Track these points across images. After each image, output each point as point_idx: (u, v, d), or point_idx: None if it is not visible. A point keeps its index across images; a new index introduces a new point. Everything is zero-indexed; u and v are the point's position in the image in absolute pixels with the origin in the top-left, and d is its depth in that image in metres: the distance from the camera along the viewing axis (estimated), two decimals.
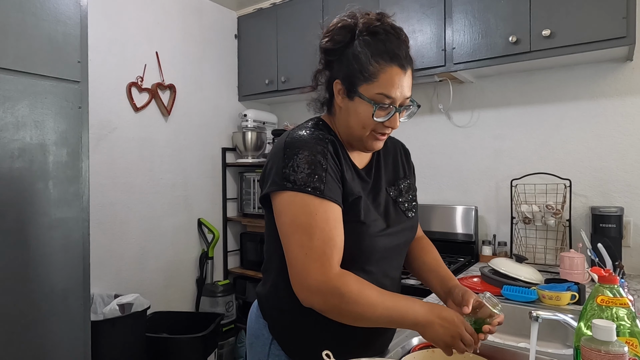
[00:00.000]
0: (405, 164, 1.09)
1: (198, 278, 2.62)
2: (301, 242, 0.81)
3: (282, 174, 0.84)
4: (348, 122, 0.92)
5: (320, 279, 0.79)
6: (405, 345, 1.03)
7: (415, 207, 1.04)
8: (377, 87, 0.86)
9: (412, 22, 2.04)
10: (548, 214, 1.88)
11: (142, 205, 2.33)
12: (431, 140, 2.36)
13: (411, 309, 0.82)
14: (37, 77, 1.39)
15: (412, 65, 0.91)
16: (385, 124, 0.89)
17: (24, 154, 1.35)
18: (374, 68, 0.87)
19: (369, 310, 0.80)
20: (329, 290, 0.79)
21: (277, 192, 0.85)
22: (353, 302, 0.79)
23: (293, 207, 0.83)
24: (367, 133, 0.90)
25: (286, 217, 0.83)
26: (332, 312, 0.81)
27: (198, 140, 2.64)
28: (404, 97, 0.89)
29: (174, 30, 2.49)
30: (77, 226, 1.49)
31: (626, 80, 1.83)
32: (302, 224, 0.81)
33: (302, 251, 0.81)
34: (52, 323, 1.42)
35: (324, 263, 0.80)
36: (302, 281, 0.81)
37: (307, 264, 0.80)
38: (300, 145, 0.86)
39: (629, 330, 0.71)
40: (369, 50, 0.87)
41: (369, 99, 0.87)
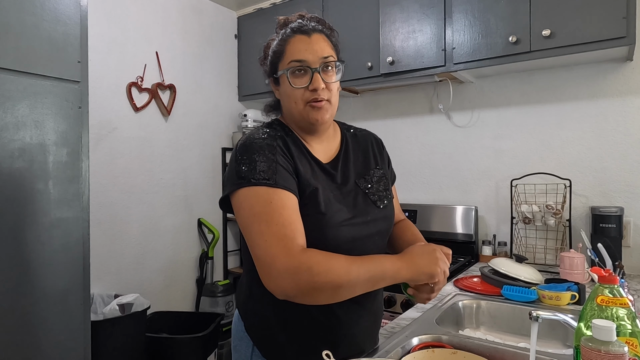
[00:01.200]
0: (377, 154, 1.08)
1: (198, 278, 2.62)
2: (260, 230, 0.80)
3: (235, 174, 0.85)
4: (285, 105, 0.97)
5: (285, 260, 0.77)
6: (405, 345, 1.03)
7: (389, 196, 1.02)
8: (287, 59, 0.92)
9: (412, 22, 2.04)
10: (548, 214, 1.88)
11: (142, 205, 2.33)
12: (431, 140, 2.36)
13: (387, 261, 0.83)
14: (37, 77, 1.39)
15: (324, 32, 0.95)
16: (310, 88, 0.90)
17: (24, 154, 1.35)
18: (281, 46, 0.93)
19: (343, 276, 0.77)
20: (295, 267, 0.76)
21: (233, 192, 0.85)
22: (324, 272, 0.76)
23: (248, 200, 0.83)
24: (302, 106, 0.91)
25: (243, 211, 0.84)
26: (307, 291, 0.77)
27: (198, 140, 2.64)
28: (319, 57, 0.90)
29: (174, 30, 2.49)
30: (77, 226, 1.49)
31: (626, 80, 1.83)
32: (259, 213, 0.81)
33: (262, 239, 0.80)
34: (52, 323, 1.42)
35: (286, 244, 0.79)
36: (269, 268, 0.79)
37: (269, 250, 0.79)
38: (251, 145, 0.88)
39: (629, 330, 0.71)
40: (277, 39, 0.96)
41: (283, 71, 0.92)
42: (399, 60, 2.08)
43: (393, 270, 0.82)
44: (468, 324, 1.41)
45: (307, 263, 0.77)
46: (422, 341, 1.05)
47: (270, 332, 0.94)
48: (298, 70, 0.90)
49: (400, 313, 1.33)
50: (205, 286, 2.55)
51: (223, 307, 2.49)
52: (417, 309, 1.32)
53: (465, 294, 1.48)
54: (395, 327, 1.16)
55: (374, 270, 0.81)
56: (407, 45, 2.06)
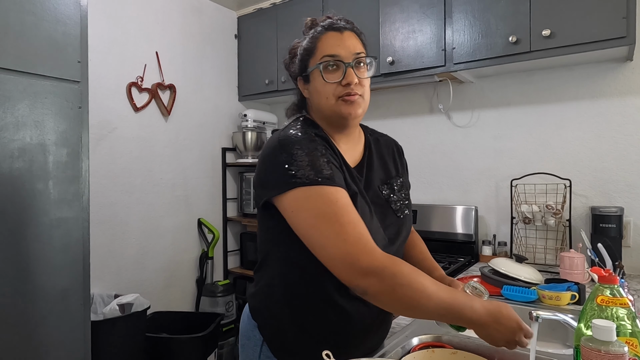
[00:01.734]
0: (398, 162, 1.08)
1: (198, 278, 2.62)
2: (334, 230, 0.78)
3: (286, 173, 0.82)
4: (316, 103, 0.95)
5: (370, 260, 0.76)
6: (405, 345, 1.03)
7: (408, 206, 1.02)
8: (319, 55, 0.92)
9: (412, 22, 2.05)
10: (548, 214, 1.88)
11: (142, 205, 2.33)
12: (431, 140, 2.36)
13: (468, 307, 0.77)
14: (37, 77, 1.39)
15: (355, 30, 0.95)
16: (343, 83, 0.89)
17: (24, 154, 1.35)
18: (312, 43, 0.93)
19: (423, 298, 0.75)
20: (380, 269, 0.75)
21: (286, 192, 0.82)
22: (407, 285, 0.75)
23: (311, 200, 0.80)
24: (334, 101, 0.91)
25: (307, 212, 0.80)
26: (387, 293, 0.76)
27: (198, 140, 2.64)
28: (351, 53, 0.90)
29: (174, 30, 2.49)
30: (77, 226, 1.49)
31: (626, 80, 1.83)
32: (327, 213, 0.79)
33: (339, 238, 0.77)
34: (52, 323, 1.42)
35: (366, 244, 0.78)
36: (352, 267, 0.77)
37: (350, 249, 0.77)
38: (296, 143, 0.85)
39: (629, 330, 0.71)
40: (308, 37, 0.95)
41: (315, 66, 0.91)
42: (399, 60, 2.08)
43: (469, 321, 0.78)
44: None
45: (393, 269, 0.76)
46: (422, 341, 1.05)
47: (285, 333, 0.93)
48: (330, 65, 0.90)
49: None
50: (205, 286, 2.55)
51: (223, 307, 2.49)
52: None
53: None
54: (395, 327, 1.16)
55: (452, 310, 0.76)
56: (407, 45, 2.06)
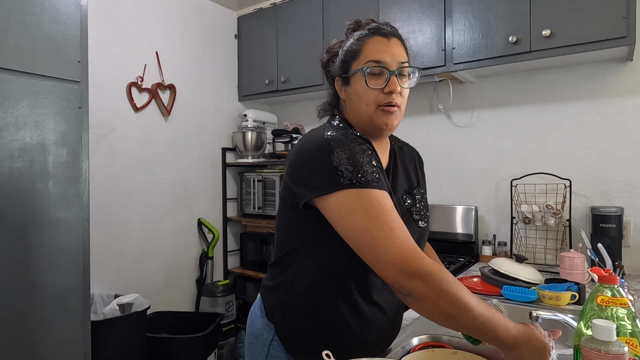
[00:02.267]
0: (419, 173, 1.09)
1: (198, 278, 2.62)
2: (385, 233, 0.79)
3: (334, 174, 0.82)
4: (353, 106, 0.93)
5: (419, 264, 0.78)
6: (405, 345, 1.03)
7: (427, 216, 1.04)
8: (364, 58, 0.90)
9: (412, 22, 2.04)
10: (548, 214, 1.88)
11: (142, 205, 2.33)
12: (431, 140, 2.36)
13: (503, 326, 0.78)
14: (37, 77, 1.39)
15: (400, 38, 0.94)
16: (385, 91, 0.89)
17: (24, 154, 1.35)
18: (358, 46, 0.92)
19: (464, 309, 0.76)
20: (427, 274, 0.77)
21: (333, 193, 0.82)
22: (452, 294, 0.76)
23: (362, 202, 0.81)
24: (373, 108, 0.90)
25: (357, 214, 0.81)
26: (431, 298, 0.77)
27: (198, 140, 2.64)
28: (396, 61, 0.90)
29: (174, 30, 2.49)
30: (77, 226, 1.49)
31: (626, 80, 1.83)
32: (378, 216, 0.80)
33: (390, 241, 0.79)
34: (52, 323, 1.42)
35: (415, 248, 0.79)
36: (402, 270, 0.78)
37: (401, 252, 0.78)
38: (340, 144, 0.84)
39: (629, 330, 0.71)
40: (354, 38, 0.93)
41: (359, 69, 0.90)
42: None
43: (501, 340, 0.78)
44: None
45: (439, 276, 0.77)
46: (422, 341, 1.05)
47: (302, 331, 0.93)
48: (375, 72, 0.89)
49: None
50: (205, 286, 2.55)
51: (223, 307, 2.49)
52: None
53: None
54: None
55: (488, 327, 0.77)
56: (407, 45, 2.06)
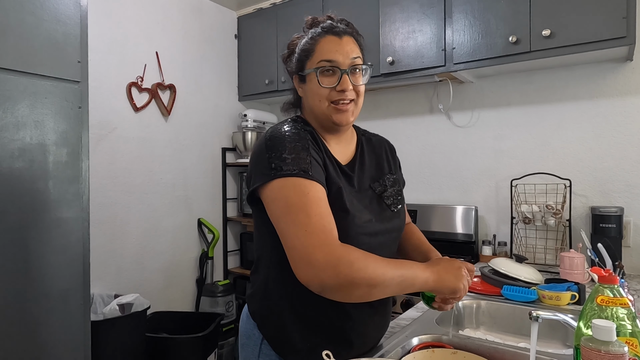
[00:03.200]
0: (390, 160, 1.11)
1: (198, 278, 2.62)
2: (298, 221, 0.80)
3: (268, 166, 0.84)
4: (309, 103, 0.96)
5: (326, 251, 0.77)
6: (405, 345, 1.03)
7: (401, 201, 1.05)
8: (316, 58, 0.92)
9: (412, 22, 2.05)
10: (548, 214, 1.88)
11: (142, 205, 2.33)
12: (431, 140, 2.36)
13: (418, 269, 0.84)
14: (37, 77, 1.39)
15: (353, 35, 0.96)
16: (338, 89, 0.91)
17: (24, 154, 1.35)
18: (311, 45, 0.94)
19: (380, 276, 0.78)
20: (336, 260, 0.76)
21: (265, 184, 0.85)
22: (363, 269, 0.77)
23: (284, 190, 0.83)
24: (326, 104, 0.92)
25: (279, 202, 0.83)
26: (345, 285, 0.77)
27: (198, 140, 2.64)
28: (348, 59, 0.92)
29: (174, 30, 2.49)
30: (77, 226, 1.49)
31: (626, 80, 1.83)
32: (296, 203, 0.81)
33: (301, 229, 0.79)
34: (52, 323, 1.42)
35: (326, 236, 0.79)
36: (308, 259, 0.78)
37: (309, 241, 0.78)
38: (282, 137, 0.88)
39: (629, 330, 0.71)
40: (308, 37, 0.96)
41: (313, 69, 0.92)
42: (399, 60, 2.08)
43: (422, 279, 0.84)
44: (468, 324, 1.41)
45: (348, 257, 0.77)
46: (422, 341, 1.05)
47: (284, 329, 0.94)
48: (327, 70, 0.91)
49: (400, 313, 1.33)
50: (205, 286, 2.55)
51: (223, 307, 2.49)
52: (417, 309, 1.32)
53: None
54: (395, 327, 1.16)
55: (406, 275, 0.82)
56: (407, 45, 2.06)
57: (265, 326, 0.96)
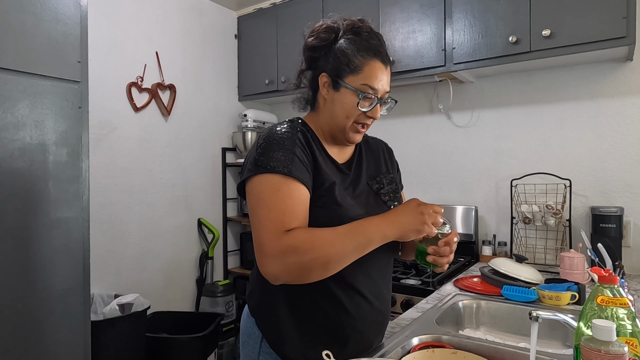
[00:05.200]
0: (387, 161, 1.13)
1: (198, 278, 2.62)
2: (260, 215, 0.83)
3: (254, 162, 0.87)
4: (333, 112, 0.97)
5: (272, 244, 0.80)
6: (405, 345, 1.03)
7: (398, 198, 1.07)
8: (362, 79, 0.93)
9: (412, 22, 2.04)
10: (548, 214, 1.88)
11: (142, 205, 2.33)
12: (431, 140, 2.36)
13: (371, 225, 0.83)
14: (37, 77, 1.39)
15: (391, 65, 1.00)
16: (368, 114, 0.95)
17: (24, 154, 1.35)
18: (359, 61, 0.93)
19: (329, 250, 0.79)
20: (281, 250, 0.79)
21: (248, 179, 0.87)
22: (310, 250, 0.78)
23: (260, 186, 0.85)
24: (350, 123, 0.95)
25: (253, 197, 0.86)
26: (297, 272, 0.80)
27: (198, 140, 2.64)
28: (384, 91, 0.96)
29: (174, 30, 2.49)
30: (77, 226, 1.49)
31: (626, 80, 1.83)
32: (264, 199, 0.84)
33: (260, 225, 0.82)
34: (52, 323, 1.42)
35: (277, 230, 0.80)
36: (261, 253, 0.81)
37: (262, 235, 0.81)
38: (272, 136, 0.90)
39: (629, 330, 0.71)
40: (354, 46, 0.94)
41: (355, 89, 0.93)
42: (399, 60, 2.08)
43: (378, 233, 0.83)
44: (468, 324, 1.41)
45: (293, 244, 0.79)
46: (422, 341, 1.05)
47: (281, 325, 0.94)
48: (369, 96, 0.94)
49: (400, 313, 1.33)
50: (205, 286, 2.55)
51: (223, 307, 2.49)
52: (417, 309, 1.32)
53: (465, 294, 1.48)
54: (395, 327, 1.16)
55: (359, 238, 0.82)
56: (407, 45, 2.06)
57: (262, 322, 0.97)
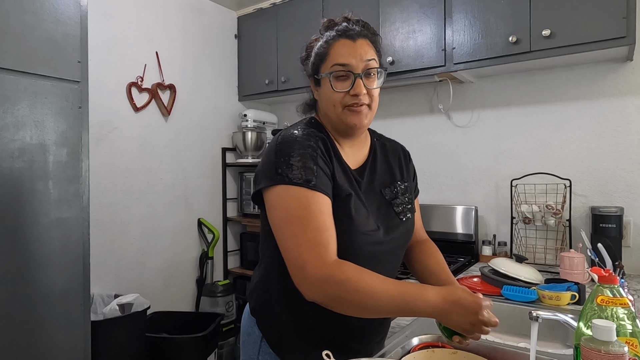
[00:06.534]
0: (404, 167, 1.09)
1: (198, 278, 2.62)
2: (295, 233, 0.80)
3: (274, 169, 0.85)
4: (323, 107, 0.97)
5: (317, 268, 0.78)
6: (405, 345, 1.03)
7: (411, 210, 1.03)
8: (330, 62, 0.92)
9: (412, 22, 2.04)
10: (548, 214, 1.88)
11: (142, 205, 2.33)
12: (431, 140, 2.36)
13: (421, 298, 0.78)
14: (37, 77, 1.39)
15: (369, 37, 0.95)
16: (351, 93, 0.91)
17: (24, 154, 1.35)
18: (325, 49, 0.93)
19: (372, 300, 0.77)
20: (326, 278, 0.77)
21: (270, 187, 0.85)
22: (354, 291, 0.76)
23: (286, 199, 0.83)
24: (340, 109, 0.92)
25: (280, 210, 0.83)
26: (335, 302, 0.78)
27: (198, 140, 2.64)
28: (362, 62, 0.91)
29: (174, 30, 2.49)
30: (77, 226, 1.49)
31: (626, 80, 1.83)
32: (296, 215, 0.81)
33: (296, 242, 0.80)
34: (52, 323, 1.42)
35: (319, 252, 0.79)
36: (301, 273, 0.79)
37: (302, 255, 0.79)
38: (292, 142, 0.87)
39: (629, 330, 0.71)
40: (323, 40, 0.95)
41: (326, 74, 0.92)
42: (399, 60, 2.08)
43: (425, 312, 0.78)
44: None
45: (338, 277, 0.77)
46: (422, 341, 1.05)
47: (282, 328, 0.94)
48: (341, 75, 0.91)
49: None
50: (205, 286, 2.55)
51: (223, 307, 2.49)
52: None
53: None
54: (395, 327, 1.16)
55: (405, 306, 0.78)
56: (407, 45, 2.06)
57: (262, 323, 0.97)
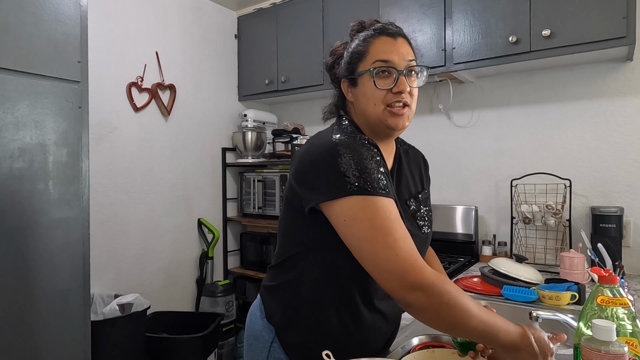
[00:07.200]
0: (424, 176, 1.09)
1: (198, 278, 2.62)
2: (387, 244, 0.79)
3: (340, 179, 0.81)
4: (361, 108, 0.92)
5: (420, 276, 0.77)
6: (405, 345, 1.03)
7: (430, 222, 1.03)
8: (370, 59, 0.89)
9: (412, 22, 2.04)
10: (548, 214, 1.88)
11: (142, 205, 2.33)
12: (431, 140, 2.36)
13: (504, 330, 0.79)
14: (37, 77, 1.39)
15: (406, 37, 0.93)
16: (394, 91, 0.87)
17: (24, 154, 1.35)
18: (364, 47, 0.90)
19: (465, 318, 0.77)
20: (428, 286, 0.77)
21: (339, 199, 0.81)
22: (453, 305, 0.77)
23: (367, 211, 0.80)
24: (382, 108, 0.88)
25: (361, 223, 0.80)
26: (432, 310, 0.78)
27: (198, 140, 2.64)
28: (404, 60, 0.89)
29: (174, 30, 2.49)
30: (77, 226, 1.49)
31: (626, 80, 1.83)
32: (382, 226, 0.79)
33: (392, 252, 0.78)
34: (52, 323, 1.42)
35: (416, 260, 0.79)
36: (402, 281, 0.78)
37: (402, 264, 0.78)
38: (348, 149, 0.83)
39: (629, 330, 0.71)
40: (359, 39, 0.92)
41: (367, 70, 0.89)
42: None
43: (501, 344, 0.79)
44: None
45: (441, 288, 0.77)
46: (422, 341, 1.05)
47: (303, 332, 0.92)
48: (382, 71, 0.88)
49: None
50: (205, 286, 2.55)
51: (223, 307, 2.49)
52: None
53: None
54: None
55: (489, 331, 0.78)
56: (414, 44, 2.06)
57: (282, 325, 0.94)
